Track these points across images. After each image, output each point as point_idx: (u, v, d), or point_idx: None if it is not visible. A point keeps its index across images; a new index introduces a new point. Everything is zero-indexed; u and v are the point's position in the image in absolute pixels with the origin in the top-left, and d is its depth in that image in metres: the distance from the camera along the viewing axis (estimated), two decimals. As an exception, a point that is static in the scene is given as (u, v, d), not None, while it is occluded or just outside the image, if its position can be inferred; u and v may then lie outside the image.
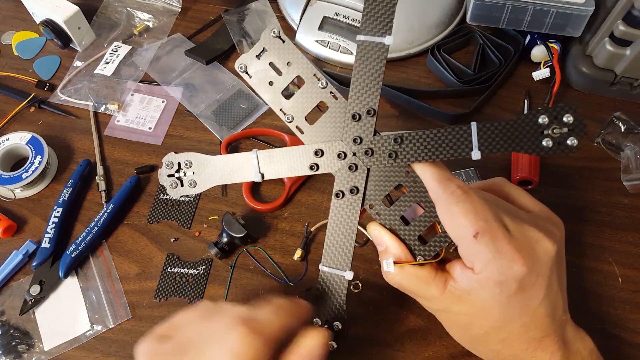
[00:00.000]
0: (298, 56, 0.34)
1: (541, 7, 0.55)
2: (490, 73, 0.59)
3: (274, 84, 0.35)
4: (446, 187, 0.32)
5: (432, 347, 0.44)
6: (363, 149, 0.34)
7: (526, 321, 0.32)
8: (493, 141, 0.31)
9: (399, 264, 0.34)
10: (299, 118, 0.35)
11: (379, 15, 0.32)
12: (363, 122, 0.34)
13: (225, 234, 0.48)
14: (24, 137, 0.54)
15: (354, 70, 0.33)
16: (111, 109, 0.60)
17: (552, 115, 0.30)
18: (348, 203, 0.35)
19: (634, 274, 0.48)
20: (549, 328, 0.32)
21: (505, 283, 0.30)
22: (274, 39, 0.34)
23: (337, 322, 0.35)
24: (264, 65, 0.35)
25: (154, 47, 0.65)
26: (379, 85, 0.33)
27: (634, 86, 0.57)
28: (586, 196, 0.52)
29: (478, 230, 0.30)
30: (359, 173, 0.34)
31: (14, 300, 0.47)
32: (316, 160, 0.35)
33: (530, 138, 0.31)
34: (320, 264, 0.35)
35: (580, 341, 0.34)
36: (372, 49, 0.32)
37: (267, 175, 0.36)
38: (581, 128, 0.30)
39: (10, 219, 0.51)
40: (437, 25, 0.64)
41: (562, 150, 0.30)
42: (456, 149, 0.32)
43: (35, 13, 0.65)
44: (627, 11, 0.51)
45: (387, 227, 0.35)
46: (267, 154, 0.36)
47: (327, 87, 0.34)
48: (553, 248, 0.32)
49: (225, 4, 0.70)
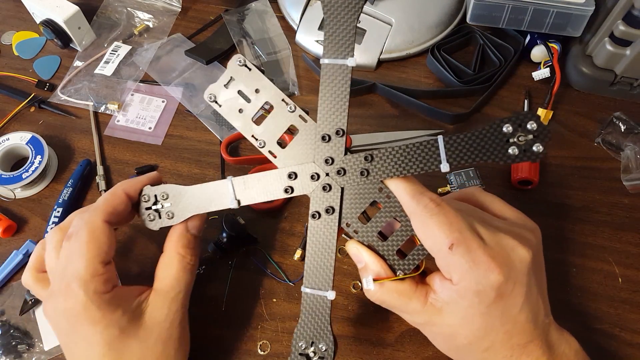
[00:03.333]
0: (265, 83, 0.35)
1: (541, 7, 0.55)
2: (490, 73, 0.59)
3: (243, 111, 0.36)
4: (419, 200, 0.32)
5: (432, 347, 0.44)
6: (335, 169, 0.34)
7: (508, 328, 0.32)
8: (460, 153, 0.32)
9: (378, 280, 0.34)
10: (270, 142, 0.36)
11: (340, 39, 0.33)
12: (333, 142, 0.34)
13: (225, 233, 0.48)
14: (24, 137, 0.54)
15: (320, 93, 0.34)
16: (111, 109, 0.60)
17: (515, 124, 0.31)
18: (325, 223, 0.35)
19: (634, 274, 0.48)
20: (532, 334, 0.32)
21: (483, 292, 0.31)
22: (241, 68, 0.35)
23: (322, 344, 0.35)
24: (233, 93, 0.36)
25: (154, 47, 0.65)
26: (345, 105, 0.34)
27: (634, 86, 0.57)
28: (586, 196, 0.52)
29: (453, 241, 0.31)
30: (333, 193, 0.35)
31: (14, 300, 0.47)
32: (290, 183, 0.35)
33: (496, 147, 0.31)
34: (302, 285, 0.36)
35: (565, 343, 0.34)
36: (336, 71, 0.33)
37: (244, 201, 0.36)
38: (545, 134, 0.30)
39: (10, 219, 0.51)
40: (437, 25, 0.64)
41: (529, 157, 0.31)
42: (425, 162, 0.32)
43: (35, 13, 0.65)
44: (627, 11, 0.51)
45: (366, 244, 0.35)
46: (242, 180, 0.36)
47: (295, 110, 0.35)
48: (528, 254, 0.32)
49: (225, 4, 0.70)
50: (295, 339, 0.35)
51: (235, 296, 0.47)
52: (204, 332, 0.45)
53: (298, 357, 0.35)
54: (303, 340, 0.35)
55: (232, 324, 0.46)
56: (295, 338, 0.35)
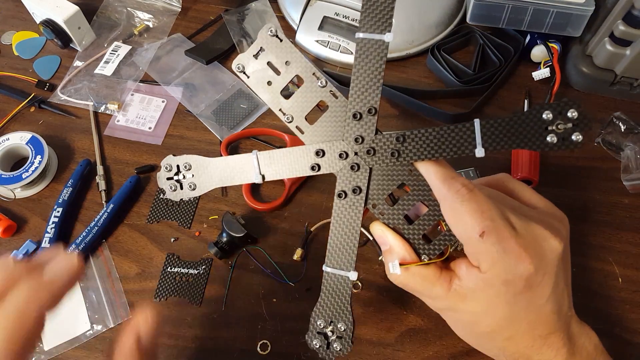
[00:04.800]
0: (296, 55, 0.34)
1: (541, 7, 0.55)
2: (490, 73, 0.59)
3: (272, 84, 0.35)
4: (451, 185, 0.31)
5: (432, 347, 0.44)
6: (365, 149, 0.33)
7: (532, 319, 0.32)
8: (497, 138, 0.31)
9: (404, 265, 0.33)
10: (298, 118, 0.35)
11: (378, 12, 0.31)
12: (364, 121, 0.33)
13: (225, 233, 0.48)
14: (24, 137, 0.54)
15: (353, 69, 0.32)
16: (111, 109, 0.60)
17: (556, 111, 0.30)
18: (351, 203, 0.34)
19: (634, 274, 0.48)
20: (554, 325, 0.32)
21: (512, 282, 0.30)
22: (272, 38, 0.34)
23: (341, 324, 0.35)
24: (262, 65, 0.34)
25: (154, 47, 0.65)
26: (379, 83, 0.32)
27: (634, 86, 0.57)
28: (586, 196, 0.52)
29: (484, 229, 0.30)
30: (361, 173, 0.34)
31: (14, 300, 0.47)
32: (317, 161, 0.34)
33: (534, 134, 0.30)
34: (324, 264, 0.35)
35: (585, 336, 0.34)
36: (371, 47, 0.32)
37: (268, 176, 0.35)
38: (586, 123, 0.29)
39: (10, 219, 0.51)
40: (437, 25, 0.64)
41: (567, 145, 0.30)
42: (459, 146, 0.31)
43: (35, 13, 0.65)
44: (627, 11, 0.51)
45: (391, 227, 0.34)
46: (267, 154, 0.35)
47: (326, 86, 0.34)
48: (560, 246, 0.32)
49: (225, 4, 0.70)
50: (314, 317, 0.35)
51: (235, 296, 0.47)
52: (204, 332, 0.45)
53: (316, 335, 0.35)
54: (322, 319, 0.35)
55: (232, 324, 0.46)
56: (314, 316, 0.35)
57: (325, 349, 0.35)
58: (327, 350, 0.35)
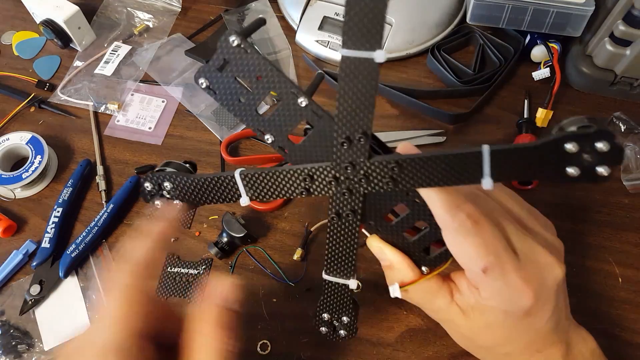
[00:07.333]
0: (268, 69, 0.28)
1: (541, 7, 0.55)
2: (490, 73, 0.59)
3: (244, 101, 0.30)
4: (455, 216, 0.29)
5: (432, 347, 0.44)
6: (358, 176, 0.30)
7: (531, 338, 0.32)
8: (508, 168, 0.26)
9: (404, 286, 0.32)
10: (280, 138, 0.31)
11: (366, 24, 0.25)
12: (355, 147, 0.28)
13: (225, 233, 0.48)
14: (24, 137, 0.54)
15: (339, 90, 0.27)
16: (111, 109, 0.60)
17: (583, 141, 0.25)
18: (346, 224, 0.32)
19: (634, 274, 0.48)
20: (552, 339, 0.32)
21: (512, 312, 0.30)
22: (236, 49, 0.28)
23: (344, 317, 0.35)
24: (229, 79, 0.30)
25: (154, 47, 0.65)
26: (371, 107, 0.27)
27: (634, 86, 0.57)
28: (586, 196, 0.52)
29: (487, 265, 0.29)
30: (355, 197, 0.31)
31: (14, 300, 0.47)
32: (307, 185, 0.31)
33: (553, 166, 0.26)
34: (323, 272, 0.34)
35: (582, 342, 0.34)
36: (360, 66, 0.26)
37: (255, 198, 0.32)
38: (617, 156, 0.24)
39: (10, 219, 0.51)
40: (437, 25, 0.64)
41: (590, 179, 0.25)
42: (466, 175, 0.27)
43: (35, 13, 0.65)
44: (627, 11, 0.51)
45: (389, 241, 0.33)
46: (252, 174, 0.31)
47: (308, 104, 0.29)
48: (562, 273, 0.31)
49: (225, 4, 0.70)
50: (319, 311, 0.35)
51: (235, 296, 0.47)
52: (204, 332, 0.45)
53: (322, 324, 0.36)
54: (326, 312, 0.35)
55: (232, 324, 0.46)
56: (318, 311, 0.35)
57: (332, 334, 0.36)
58: (335, 335, 0.36)
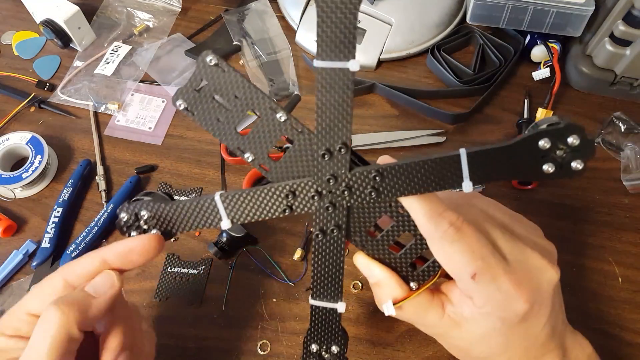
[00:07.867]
0: (246, 88, 0.29)
1: (541, 7, 0.55)
2: (490, 73, 0.59)
3: (222, 121, 0.30)
4: (437, 224, 0.29)
5: (432, 347, 0.44)
6: (340, 188, 0.30)
7: (528, 345, 0.31)
8: (486, 169, 0.28)
9: (398, 303, 0.32)
10: (260, 156, 0.31)
11: (338, 35, 0.26)
12: (336, 159, 0.29)
13: (225, 233, 0.48)
14: (24, 137, 0.54)
15: (317, 101, 0.28)
16: (111, 109, 0.60)
17: (554, 138, 0.26)
18: (331, 241, 0.32)
19: (634, 274, 0.48)
20: (549, 345, 0.32)
21: (507, 318, 0.30)
22: (213, 68, 0.29)
23: (334, 347, 0.34)
24: (207, 98, 0.30)
25: (154, 47, 0.65)
26: (348, 117, 0.28)
27: (634, 86, 0.57)
28: (586, 196, 0.52)
29: (475, 270, 0.29)
30: (339, 211, 0.31)
31: (14, 300, 0.47)
32: (289, 202, 0.31)
33: (529, 164, 0.27)
34: (310, 297, 0.33)
35: (578, 347, 0.34)
36: (335, 76, 0.27)
37: (237, 221, 0.32)
38: (588, 150, 0.26)
39: (10, 219, 0.51)
40: (437, 25, 0.64)
41: (566, 174, 0.27)
42: (446, 179, 0.28)
43: (35, 13, 0.65)
44: (627, 11, 0.51)
45: (375, 257, 0.33)
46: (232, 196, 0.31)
47: (287, 120, 0.30)
48: (557, 276, 0.31)
49: (225, 4, 0.70)
50: (307, 342, 0.34)
51: (235, 296, 0.47)
52: (204, 332, 0.45)
53: (310, 357, 0.34)
54: (315, 343, 0.34)
55: (232, 324, 0.46)
56: (306, 342, 0.34)
57: None
58: None
